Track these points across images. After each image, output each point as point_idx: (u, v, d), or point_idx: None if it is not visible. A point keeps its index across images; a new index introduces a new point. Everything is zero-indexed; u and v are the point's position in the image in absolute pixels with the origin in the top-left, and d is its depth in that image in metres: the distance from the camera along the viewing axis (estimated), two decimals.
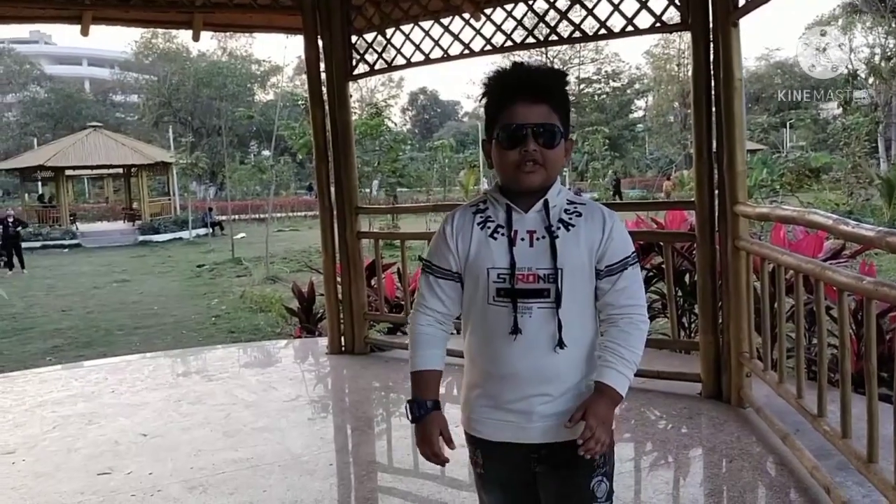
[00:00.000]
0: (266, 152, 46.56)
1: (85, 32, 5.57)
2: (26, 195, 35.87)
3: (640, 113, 60.21)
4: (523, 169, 1.68)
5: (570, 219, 1.73)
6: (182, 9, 5.44)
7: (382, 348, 6.00)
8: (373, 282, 6.41)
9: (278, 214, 34.75)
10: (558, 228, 1.71)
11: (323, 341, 6.31)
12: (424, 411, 1.77)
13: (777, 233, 5.15)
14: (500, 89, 1.73)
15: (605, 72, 55.09)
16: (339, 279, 5.99)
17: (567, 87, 1.78)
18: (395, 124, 32.30)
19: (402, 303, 6.16)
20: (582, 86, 53.29)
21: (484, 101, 1.76)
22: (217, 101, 45.67)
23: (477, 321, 1.77)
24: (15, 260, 20.72)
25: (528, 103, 1.67)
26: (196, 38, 6.00)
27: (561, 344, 1.69)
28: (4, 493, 3.50)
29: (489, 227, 1.75)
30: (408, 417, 1.78)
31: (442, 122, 70.35)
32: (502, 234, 1.72)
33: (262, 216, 31.62)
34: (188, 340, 9.99)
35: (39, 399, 5.05)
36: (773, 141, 40.50)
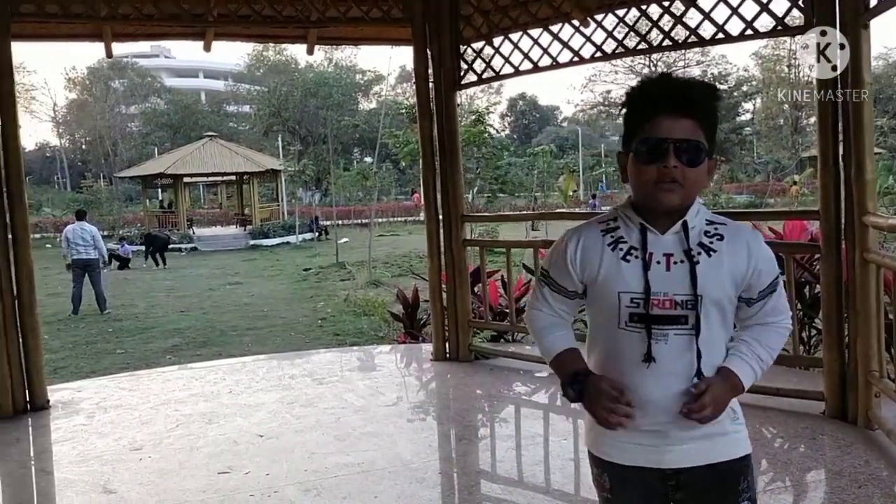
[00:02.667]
0: (368, 159, 47.56)
1: (207, 48, 5.87)
2: (147, 201, 37.94)
3: (748, 116, 58.01)
4: (661, 187, 1.57)
5: (712, 242, 1.62)
6: (298, 24, 5.64)
7: (486, 356, 6.01)
8: (476, 289, 6.43)
9: (379, 220, 35.42)
10: (699, 253, 1.61)
11: (427, 347, 6.38)
12: (581, 378, 1.67)
13: None
14: (644, 100, 1.62)
15: (712, 74, 53.34)
16: (444, 286, 6.04)
17: (717, 103, 1.66)
18: (497, 131, 32.36)
19: (507, 311, 6.16)
20: None
21: (624, 111, 1.67)
22: (323, 110, 47.07)
23: (606, 345, 1.68)
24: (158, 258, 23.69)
25: (672, 117, 1.56)
26: (310, 51, 6.21)
27: (699, 374, 1.60)
28: (133, 489, 3.70)
29: (621, 249, 1.64)
30: (568, 397, 1.68)
31: (541, 127, 69.97)
32: (636, 257, 1.62)
33: (363, 221, 32.31)
34: (296, 342, 10.31)
35: (163, 398, 5.32)
36: (893, 144, 38.20)
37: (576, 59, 4.99)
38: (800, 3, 3.97)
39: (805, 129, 46.66)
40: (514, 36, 5.37)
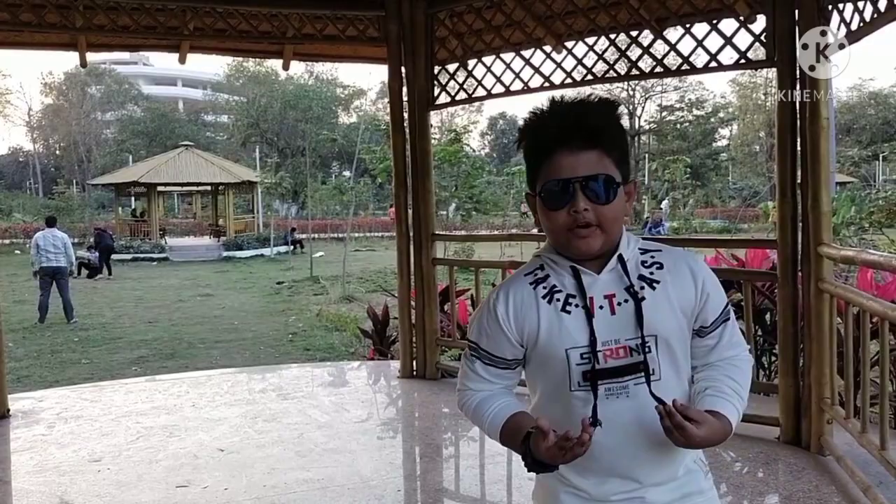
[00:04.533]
0: (347, 173, 47.61)
1: (182, 60, 5.89)
2: (120, 209, 37.59)
3: (724, 142, 58.91)
4: (577, 234, 1.37)
5: (652, 273, 1.43)
6: (273, 40, 5.69)
7: (453, 374, 6.03)
8: (446, 307, 6.48)
9: (356, 234, 35.40)
10: (641, 288, 1.41)
11: (395, 364, 6.40)
12: (527, 447, 1.37)
13: (864, 274, 4.98)
14: (538, 136, 1.42)
15: (689, 100, 54.23)
16: (413, 304, 6.08)
17: (620, 120, 1.45)
18: (474, 150, 32.63)
19: None
20: (664, 113, 52.61)
21: (522, 147, 1.47)
22: (302, 122, 47.10)
23: (559, 414, 1.41)
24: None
25: (572, 151, 1.36)
26: (286, 66, 6.26)
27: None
28: (90, 501, 3.68)
29: (558, 300, 1.42)
30: (541, 471, 1.39)
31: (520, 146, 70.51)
32: (576, 305, 1.41)
33: (340, 235, 32.28)
34: (265, 356, 10.27)
35: (125, 409, 5.28)
36: (864, 174, 39.04)
37: (546, 84, 5.08)
38: (762, 38, 4.08)
39: None
40: (488, 59, 5.46)
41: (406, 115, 5.88)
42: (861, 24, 3.31)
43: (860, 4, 3.33)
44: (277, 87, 50.54)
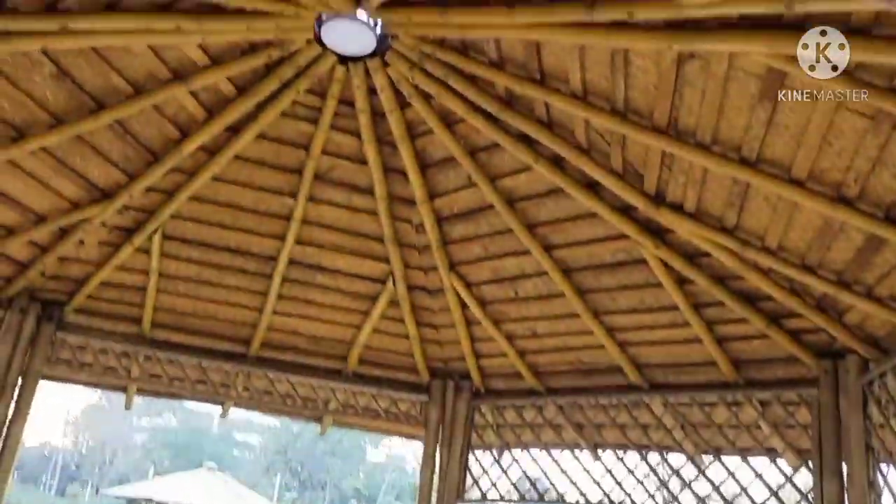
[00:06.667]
0: None
1: (224, 415, 5.98)
2: None
3: None
4: None
5: None
6: (315, 411, 5.76)
7: None
8: None
9: None
10: None
11: None
12: None
13: None
14: None
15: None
16: None
17: None
18: None
19: None
20: None
21: None
22: (329, 455, 46.37)
23: None
24: None
25: None
26: (322, 432, 6.27)
27: None
28: None
29: None
30: None
31: None
32: None
33: None
34: None
35: None
36: None
37: (581, 500, 4.90)
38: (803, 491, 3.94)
39: None
40: (524, 457, 5.37)
41: None
42: None
43: None
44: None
